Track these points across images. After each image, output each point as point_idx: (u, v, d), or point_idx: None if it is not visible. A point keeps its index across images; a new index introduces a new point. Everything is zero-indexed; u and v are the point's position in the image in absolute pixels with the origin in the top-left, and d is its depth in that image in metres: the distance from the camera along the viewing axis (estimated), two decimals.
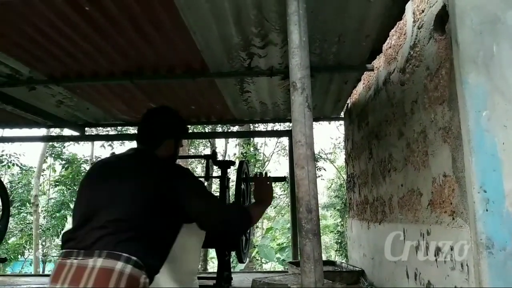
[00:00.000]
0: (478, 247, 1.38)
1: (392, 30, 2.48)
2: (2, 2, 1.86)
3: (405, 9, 2.22)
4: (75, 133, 4.50)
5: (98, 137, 9.57)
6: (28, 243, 12.60)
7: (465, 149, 1.47)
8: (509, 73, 1.45)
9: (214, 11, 1.96)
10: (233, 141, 13.34)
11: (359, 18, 2.08)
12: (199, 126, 8.74)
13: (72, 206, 12.42)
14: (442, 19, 1.71)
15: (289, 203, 5.88)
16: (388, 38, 2.56)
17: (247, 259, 4.00)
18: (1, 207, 3.78)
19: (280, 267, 10.04)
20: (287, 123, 5.04)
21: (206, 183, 3.48)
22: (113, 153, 3.45)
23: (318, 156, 12.54)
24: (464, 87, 1.46)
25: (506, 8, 1.48)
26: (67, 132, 4.96)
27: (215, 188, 9.53)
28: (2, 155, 11.92)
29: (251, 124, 9.29)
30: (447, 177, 1.69)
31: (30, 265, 12.86)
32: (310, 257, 1.16)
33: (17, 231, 12.94)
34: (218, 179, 3.03)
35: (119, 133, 9.37)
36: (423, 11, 1.94)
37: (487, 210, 1.38)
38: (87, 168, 12.70)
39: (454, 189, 1.63)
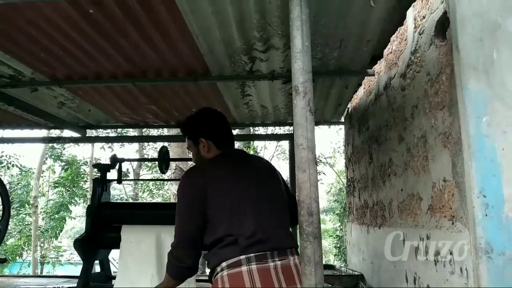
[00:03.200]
0: (477, 252, 1.39)
1: (393, 36, 2.50)
2: (6, 3, 1.88)
3: (406, 15, 2.24)
4: (75, 135, 4.50)
5: (98, 139, 9.59)
6: (26, 244, 12.57)
7: (465, 154, 1.48)
8: (509, 79, 1.46)
9: (217, 15, 1.97)
10: None
11: (360, 23, 2.09)
12: None
13: (71, 207, 12.43)
14: (443, 25, 1.73)
15: None
16: (389, 44, 2.58)
17: None
18: (1, 208, 3.79)
19: None
20: (287, 127, 5.06)
21: None
22: (115, 155, 3.48)
23: (318, 160, 12.55)
24: (465, 92, 1.47)
25: (506, 15, 1.50)
26: (67, 133, 4.96)
27: None
28: (2, 156, 11.93)
29: (251, 128, 9.31)
30: (447, 182, 1.71)
31: (28, 266, 12.83)
32: (310, 259, 1.17)
33: (15, 232, 12.92)
34: None
35: (119, 135, 9.40)
36: (424, 17, 1.96)
37: (486, 215, 1.40)
38: (87, 170, 12.72)
39: (454, 194, 1.64)
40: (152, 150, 13.65)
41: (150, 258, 2.88)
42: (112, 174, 3.57)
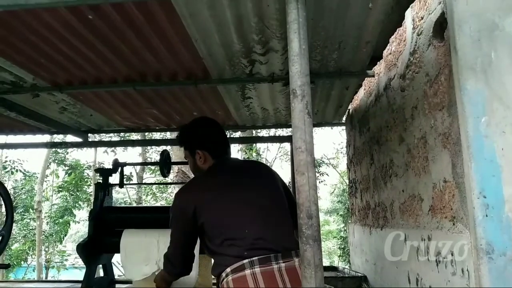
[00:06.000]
0: (478, 253, 1.39)
1: (392, 37, 2.50)
2: (6, 10, 1.89)
3: (404, 16, 2.24)
4: (78, 139, 4.52)
5: (101, 143, 9.59)
6: (31, 249, 12.61)
7: (465, 155, 1.48)
8: (507, 79, 1.46)
9: (215, 19, 1.98)
10: (235, 146, 13.35)
11: (359, 25, 2.09)
12: None
13: (75, 211, 12.47)
14: (441, 26, 1.73)
15: None
16: (388, 45, 2.58)
17: None
18: (4, 213, 3.80)
19: None
20: (289, 129, 5.04)
21: None
22: (116, 159, 3.48)
23: (321, 161, 12.54)
24: (463, 93, 1.47)
25: (503, 15, 1.50)
26: (70, 138, 4.98)
27: None
28: (6, 161, 11.98)
29: (253, 130, 9.30)
30: (447, 182, 1.70)
31: (33, 271, 12.87)
32: (310, 262, 1.17)
33: (20, 237, 12.96)
34: None
35: (122, 139, 9.42)
36: (422, 18, 1.96)
37: (486, 216, 1.39)
38: (90, 174, 12.76)
39: (454, 195, 1.63)
40: (155, 153, 13.67)
41: (152, 260, 2.89)
42: (114, 178, 3.58)
